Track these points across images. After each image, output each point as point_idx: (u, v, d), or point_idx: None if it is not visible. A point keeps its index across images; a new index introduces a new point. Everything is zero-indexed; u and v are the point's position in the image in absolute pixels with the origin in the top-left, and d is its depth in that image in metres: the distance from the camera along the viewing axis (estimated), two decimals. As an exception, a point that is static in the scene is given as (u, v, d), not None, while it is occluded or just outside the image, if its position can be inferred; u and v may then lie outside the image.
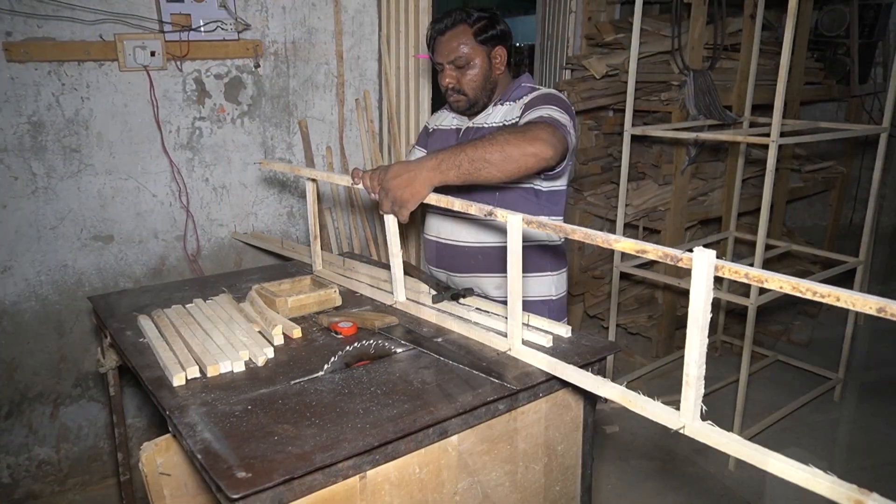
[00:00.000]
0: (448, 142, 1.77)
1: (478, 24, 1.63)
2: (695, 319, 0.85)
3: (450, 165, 1.32)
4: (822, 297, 0.77)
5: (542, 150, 1.35)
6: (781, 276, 0.81)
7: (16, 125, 2.05)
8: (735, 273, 0.83)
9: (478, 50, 1.64)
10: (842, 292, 0.76)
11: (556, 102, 1.57)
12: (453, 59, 1.64)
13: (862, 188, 4.29)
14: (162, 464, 1.19)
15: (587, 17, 3.47)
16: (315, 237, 1.76)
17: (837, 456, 2.65)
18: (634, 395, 0.98)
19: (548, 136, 1.38)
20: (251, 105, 2.46)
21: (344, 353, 1.21)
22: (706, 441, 0.90)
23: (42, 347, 2.23)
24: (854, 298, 0.74)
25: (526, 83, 1.72)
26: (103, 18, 2.10)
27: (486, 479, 1.15)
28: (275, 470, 0.86)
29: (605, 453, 2.63)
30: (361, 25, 2.66)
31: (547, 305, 1.73)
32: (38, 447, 2.29)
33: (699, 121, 3.01)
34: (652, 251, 0.90)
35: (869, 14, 3.91)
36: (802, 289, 0.78)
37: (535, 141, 1.35)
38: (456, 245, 1.74)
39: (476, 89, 1.67)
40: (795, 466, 0.78)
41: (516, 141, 1.34)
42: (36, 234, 2.14)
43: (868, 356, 3.51)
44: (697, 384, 0.88)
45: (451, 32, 1.64)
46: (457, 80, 1.66)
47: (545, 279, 1.74)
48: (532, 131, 1.38)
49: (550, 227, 1.09)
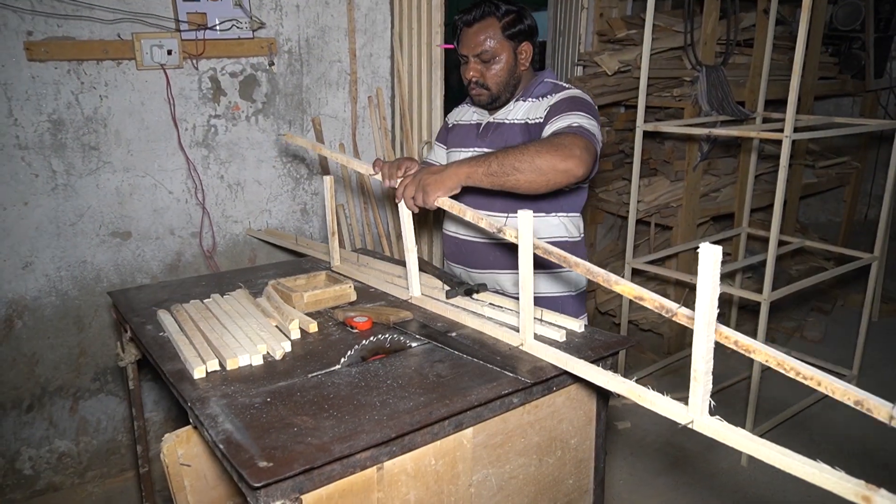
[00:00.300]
0: (468, 137, 1.77)
1: (506, 18, 1.61)
2: (701, 315, 0.86)
3: (479, 164, 1.35)
4: (804, 379, 0.78)
5: (573, 167, 1.35)
6: (769, 349, 0.83)
7: (36, 123, 2.08)
8: (725, 339, 0.88)
9: (504, 45, 1.62)
10: (823, 377, 0.77)
11: (584, 108, 1.54)
12: (479, 52, 1.62)
13: (877, 184, 4.26)
14: (182, 455, 1.22)
15: (599, 13, 3.47)
16: (333, 233, 1.78)
17: (851, 452, 2.64)
18: (643, 389, 0.98)
19: (580, 151, 1.36)
20: (265, 103, 2.49)
21: (360, 347, 1.23)
22: (714, 436, 0.90)
23: (62, 342, 2.27)
24: (834, 386, 0.75)
25: (548, 79, 1.70)
26: (121, 18, 2.13)
27: (500, 471, 1.17)
28: (295, 460, 0.88)
29: (616, 449, 2.64)
30: (374, 23, 2.67)
31: (565, 301, 1.73)
32: (58, 440, 2.34)
33: (711, 116, 3.01)
34: (648, 300, 0.94)
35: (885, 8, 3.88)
36: (787, 367, 0.79)
37: (568, 158, 1.34)
38: (474, 242, 1.75)
39: (500, 84, 1.65)
40: (803, 462, 0.78)
41: (549, 155, 1.33)
42: (56, 231, 2.18)
43: (882, 352, 3.48)
44: (705, 379, 0.89)
45: (478, 25, 1.61)
46: (481, 74, 1.64)
47: (564, 276, 1.74)
48: (566, 146, 1.36)
49: (555, 255, 1.09)
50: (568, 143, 1.37)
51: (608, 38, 3.41)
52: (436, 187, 1.36)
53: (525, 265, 1.16)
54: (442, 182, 1.36)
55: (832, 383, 0.73)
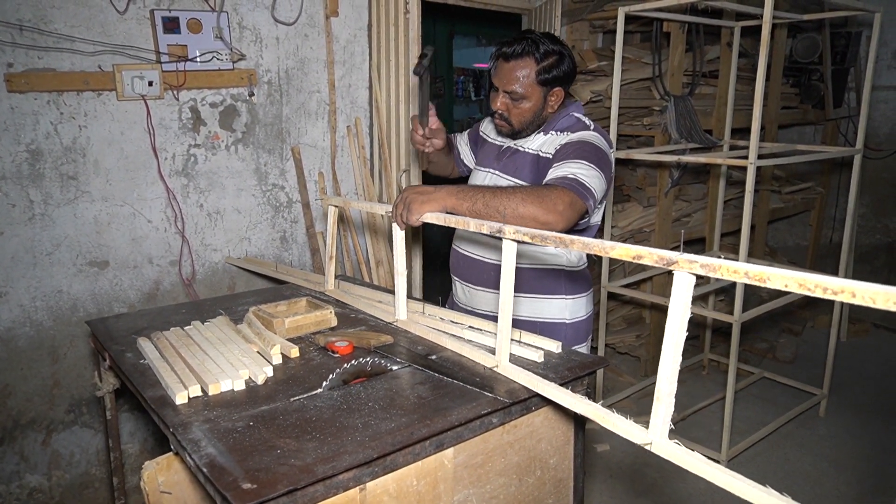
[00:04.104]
0: (489, 156, 1.82)
1: (544, 63, 1.60)
2: (671, 335, 0.87)
3: (466, 198, 1.39)
4: (835, 294, 0.70)
5: (553, 222, 1.36)
6: (785, 271, 0.75)
7: (14, 153, 2.08)
8: (734, 273, 0.80)
9: (536, 89, 1.62)
10: (858, 286, 0.68)
11: (590, 156, 1.52)
12: (510, 90, 1.62)
13: (840, 208, 4.41)
14: (163, 482, 1.21)
15: (571, 45, 3.59)
16: (331, 258, 1.83)
17: (824, 470, 2.69)
18: (606, 411, 1.01)
19: (564, 207, 1.37)
20: (245, 132, 2.52)
21: (342, 371, 1.25)
22: (670, 459, 0.90)
23: (35, 373, 2.24)
24: (875, 292, 0.66)
25: (575, 113, 1.70)
26: (102, 50, 2.16)
27: (481, 491, 1.18)
28: (279, 481, 0.90)
29: (596, 471, 2.65)
30: (353, 55, 2.74)
31: (560, 328, 1.74)
32: (29, 475, 2.28)
33: (681, 144, 3.11)
34: (647, 256, 0.91)
35: (840, 42, 4.08)
36: (810, 285, 0.72)
37: (550, 212, 1.35)
38: (474, 258, 1.80)
39: (523, 123, 1.67)
40: (754, 487, 0.80)
41: (533, 206, 1.35)
42: (32, 261, 2.16)
43: (851, 371, 3.57)
44: (668, 401, 0.89)
45: (514, 62, 1.60)
46: (507, 109, 1.66)
47: (558, 302, 1.75)
48: (551, 200, 1.37)
49: (551, 239, 1.10)
50: (555, 196, 1.38)
51: (580, 70, 3.53)
52: (419, 208, 1.40)
53: (506, 290, 1.19)
54: (426, 204, 1.40)
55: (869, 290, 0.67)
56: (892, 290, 0.66)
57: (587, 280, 1.82)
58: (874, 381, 3.51)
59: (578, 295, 1.78)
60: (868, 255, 4.42)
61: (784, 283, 0.75)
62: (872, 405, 3.22)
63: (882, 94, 4.21)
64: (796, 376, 3.39)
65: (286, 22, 2.53)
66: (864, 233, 4.40)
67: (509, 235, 1.17)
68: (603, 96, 3.28)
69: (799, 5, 3.49)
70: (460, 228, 1.85)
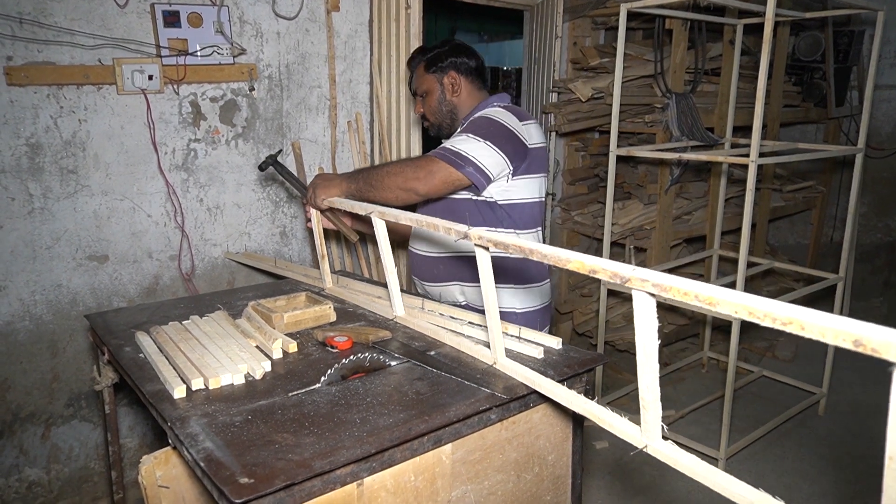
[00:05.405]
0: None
1: (429, 55, 1.81)
2: (642, 349, 0.88)
3: (353, 180, 1.62)
4: (784, 325, 0.65)
5: (413, 188, 1.54)
6: (735, 296, 0.70)
7: (14, 147, 2.08)
8: (684, 294, 0.77)
9: (429, 78, 1.81)
10: (807, 317, 0.63)
11: (479, 129, 1.61)
12: (413, 90, 1.86)
13: (842, 207, 4.41)
14: (161, 476, 1.21)
15: (573, 41, 3.58)
16: (323, 256, 1.85)
17: (822, 469, 2.69)
18: (602, 410, 1.01)
19: (426, 174, 1.53)
20: (245, 127, 2.51)
21: (340, 366, 1.24)
22: (665, 460, 0.92)
23: (35, 367, 2.24)
24: (824, 327, 0.62)
25: (497, 102, 1.77)
26: (102, 44, 2.15)
27: (479, 487, 1.18)
28: (276, 476, 0.89)
29: (594, 469, 2.66)
30: (353, 50, 2.73)
31: (510, 317, 1.73)
32: (28, 468, 2.29)
33: (682, 142, 3.11)
34: (601, 271, 0.87)
35: (843, 40, 4.06)
36: (759, 313, 0.67)
37: (410, 179, 1.53)
38: (424, 255, 1.83)
39: (434, 114, 1.83)
40: (748, 489, 0.81)
41: (397, 176, 1.54)
42: (31, 255, 2.16)
43: (850, 370, 3.57)
44: (654, 406, 0.91)
45: (413, 68, 1.86)
46: (422, 109, 1.86)
47: (506, 291, 1.75)
48: (412, 167, 1.55)
49: (514, 247, 1.10)
50: (417, 164, 1.55)
51: (582, 66, 3.52)
52: (321, 192, 1.65)
53: (487, 288, 1.18)
54: (325, 189, 1.65)
55: (820, 323, 0.63)
56: (843, 327, 0.61)
57: (541, 269, 1.81)
58: (872, 381, 3.51)
59: (529, 284, 1.78)
60: (869, 254, 4.41)
61: (734, 310, 0.71)
62: (871, 404, 3.22)
63: (884, 93, 4.20)
64: (796, 375, 3.39)
65: (287, 16, 2.53)
66: (865, 232, 4.39)
67: (475, 240, 1.15)
68: (604, 93, 3.27)
69: (802, 3, 3.48)
70: (416, 227, 1.86)
